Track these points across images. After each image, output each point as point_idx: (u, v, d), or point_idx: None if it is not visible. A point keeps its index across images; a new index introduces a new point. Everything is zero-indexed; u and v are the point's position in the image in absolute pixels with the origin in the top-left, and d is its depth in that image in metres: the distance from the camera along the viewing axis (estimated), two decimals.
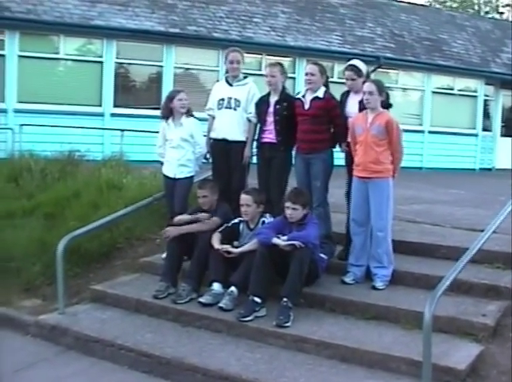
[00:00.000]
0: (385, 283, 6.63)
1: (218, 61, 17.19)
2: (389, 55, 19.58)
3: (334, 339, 5.70)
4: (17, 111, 15.19)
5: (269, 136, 7.44)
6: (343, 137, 7.13)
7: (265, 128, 7.48)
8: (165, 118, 7.67)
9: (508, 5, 43.78)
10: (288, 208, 6.49)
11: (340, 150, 7.29)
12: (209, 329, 6.25)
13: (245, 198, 6.87)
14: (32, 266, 7.99)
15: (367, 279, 6.75)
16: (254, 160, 7.72)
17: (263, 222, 6.84)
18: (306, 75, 7.27)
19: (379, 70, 18.98)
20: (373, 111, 6.62)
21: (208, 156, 7.83)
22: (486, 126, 21.98)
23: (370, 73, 7.33)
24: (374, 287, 6.58)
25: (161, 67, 16.99)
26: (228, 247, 6.69)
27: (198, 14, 17.74)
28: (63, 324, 6.60)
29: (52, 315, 6.86)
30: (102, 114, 16.18)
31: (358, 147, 6.71)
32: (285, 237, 6.31)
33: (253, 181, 7.68)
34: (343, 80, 7.28)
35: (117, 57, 16.45)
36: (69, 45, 16.04)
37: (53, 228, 8.51)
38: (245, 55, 7.93)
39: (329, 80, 7.44)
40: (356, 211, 6.80)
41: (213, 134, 7.76)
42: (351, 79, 7.11)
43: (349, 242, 6.99)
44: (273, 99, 7.48)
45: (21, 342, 6.62)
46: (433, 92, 20.75)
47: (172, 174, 7.63)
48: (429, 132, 20.46)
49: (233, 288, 6.45)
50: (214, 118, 7.79)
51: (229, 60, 7.71)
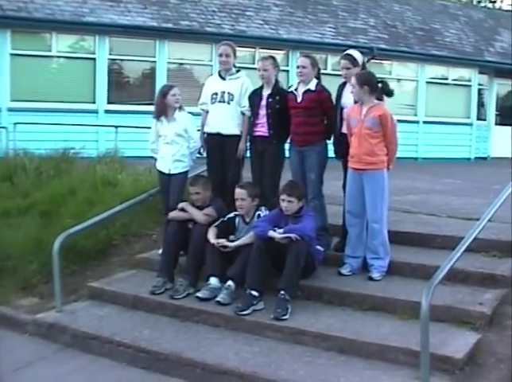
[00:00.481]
0: (381, 274, 6.63)
1: (211, 56, 17.15)
2: (382, 46, 19.57)
3: (332, 331, 5.70)
4: (10, 110, 15.15)
5: (262, 129, 7.43)
6: (336, 129, 7.12)
7: (257, 121, 7.47)
8: (158, 116, 7.62)
9: None
10: (283, 200, 6.49)
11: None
12: (207, 323, 6.25)
13: (239, 192, 6.86)
14: (28, 264, 7.96)
15: (364, 270, 6.74)
16: (249, 154, 7.71)
17: (258, 215, 6.83)
18: (298, 67, 7.27)
19: (373, 61, 18.91)
20: (367, 103, 6.61)
21: (202, 150, 7.81)
22: (481, 115, 22.00)
23: (366, 63, 7.33)
24: (371, 278, 6.58)
25: (154, 62, 16.97)
26: (224, 242, 6.69)
27: (190, 9, 17.72)
28: (60, 322, 6.59)
29: (50, 313, 6.85)
30: (96, 111, 16.16)
31: (353, 139, 6.69)
32: (281, 230, 6.30)
33: (247, 174, 7.66)
34: (337, 72, 7.29)
35: (110, 54, 16.41)
36: (61, 42, 16.01)
37: (49, 226, 8.48)
38: (238, 48, 7.92)
39: (322, 72, 7.43)
40: (351, 202, 6.79)
41: (207, 129, 7.74)
42: (346, 69, 7.09)
43: (345, 233, 6.98)
44: (265, 93, 7.46)
45: (19, 341, 6.61)
46: (427, 82, 20.76)
47: (166, 170, 7.60)
48: (424, 122, 20.48)
49: (230, 282, 6.45)
50: (207, 112, 7.77)
51: (218, 53, 7.71)
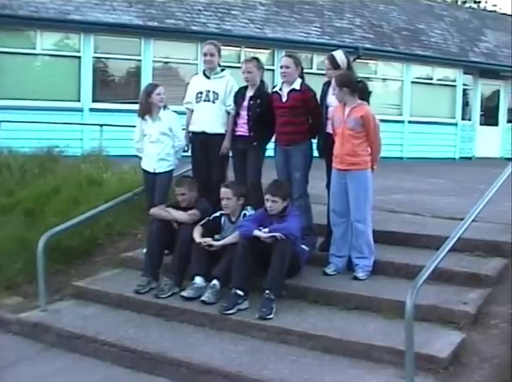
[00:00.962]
0: (366, 274, 6.64)
1: (196, 54, 17.10)
2: (368, 45, 19.58)
3: (317, 330, 5.71)
4: None
5: (242, 129, 7.45)
6: (320, 128, 7.14)
7: (238, 121, 7.48)
8: (143, 115, 7.60)
9: None
10: (267, 200, 6.49)
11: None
12: (192, 322, 6.24)
13: (224, 191, 6.86)
14: (12, 263, 7.93)
15: (349, 270, 6.75)
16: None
17: (244, 215, 6.84)
18: (281, 68, 7.27)
19: (358, 61, 18.93)
20: (349, 104, 6.62)
21: (187, 149, 7.80)
22: (466, 115, 22.08)
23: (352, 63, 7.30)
24: (356, 278, 6.59)
25: (140, 61, 16.90)
26: (209, 241, 6.68)
27: (176, 7, 17.67)
28: (45, 321, 6.58)
29: (34, 312, 6.83)
30: (81, 110, 16.08)
31: (336, 139, 6.71)
32: (266, 229, 6.30)
33: (232, 174, 7.65)
34: (323, 71, 7.28)
35: (95, 52, 16.32)
36: (46, 40, 15.92)
37: (33, 225, 8.45)
38: (223, 47, 7.93)
39: (307, 72, 7.44)
40: (335, 202, 6.80)
41: (192, 127, 7.72)
42: (327, 69, 7.13)
43: (330, 233, 6.99)
44: (248, 94, 7.46)
45: (2, 340, 6.60)
46: (412, 82, 20.80)
47: (151, 169, 7.58)
48: (409, 122, 20.51)
49: (215, 281, 6.44)
50: (192, 111, 7.76)
51: (203, 53, 7.71)
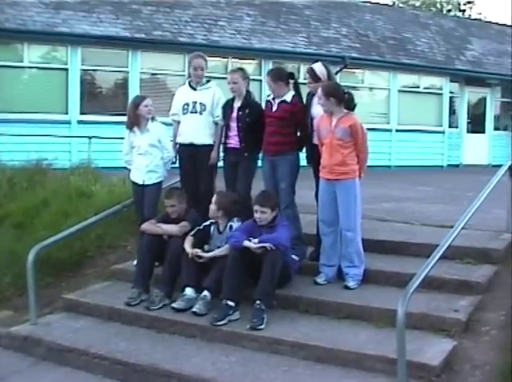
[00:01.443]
0: (357, 282, 6.66)
1: (184, 65, 17.07)
2: (354, 55, 19.67)
3: (308, 340, 5.71)
4: None
5: (233, 142, 7.46)
6: (305, 141, 7.18)
7: (229, 133, 7.50)
8: (131, 127, 7.60)
9: (469, 2, 44.38)
10: (256, 211, 6.50)
11: None
12: (183, 334, 6.23)
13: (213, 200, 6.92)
14: (2, 277, 7.91)
15: (339, 279, 6.76)
16: (221, 163, 7.73)
17: (231, 226, 6.83)
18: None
19: (345, 70, 19.10)
20: (336, 114, 6.64)
21: (175, 160, 7.81)
22: (453, 123, 22.17)
23: (335, 74, 7.32)
24: (347, 287, 6.61)
25: (127, 72, 16.91)
26: (199, 252, 6.67)
27: (163, 19, 17.70)
28: (35, 334, 6.54)
29: (24, 326, 6.79)
30: (68, 122, 16.05)
31: (324, 149, 6.72)
32: (256, 240, 6.30)
33: (221, 184, 7.66)
34: None
35: (82, 64, 16.31)
36: (33, 53, 15.92)
37: (23, 238, 8.43)
38: (211, 58, 7.93)
39: (298, 82, 7.42)
40: (324, 211, 6.81)
41: (180, 139, 7.72)
42: (309, 83, 7.17)
43: (319, 243, 6.99)
44: (236, 105, 7.48)
45: None
46: (399, 91, 20.89)
47: (140, 181, 7.59)
48: (397, 130, 20.58)
49: (206, 292, 6.43)
50: (179, 122, 7.75)
51: (193, 67, 7.66)
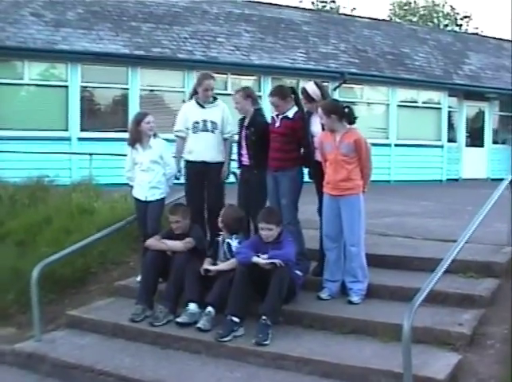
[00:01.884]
0: (360, 297, 6.67)
1: (183, 82, 17.29)
2: (353, 70, 19.75)
3: (313, 355, 5.71)
4: None
5: (245, 159, 7.56)
6: (310, 158, 7.18)
7: (241, 151, 7.60)
8: (133, 144, 7.64)
9: (466, 16, 44.65)
10: (262, 229, 6.53)
11: None
12: (188, 350, 6.23)
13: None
14: (5, 294, 7.90)
15: (343, 294, 6.77)
16: (231, 179, 7.88)
17: (228, 244, 6.87)
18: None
19: (344, 85, 19.18)
20: (339, 130, 6.68)
21: (179, 175, 7.84)
22: (452, 137, 22.23)
23: (334, 90, 7.35)
24: (351, 302, 6.61)
25: (127, 89, 16.95)
26: (206, 266, 6.73)
27: (162, 36, 17.79)
28: (40, 351, 6.54)
29: (29, 343, 6.80)
30: (69, 139, 16.06)
31: (328, 165, 6.74)
32: (265, 256, 6.33)
33: (230, 200, 7.69)
34: None
35: (82, 81, 16.35)
36: (34, 70, 15.97)
37: (25, 255, 8.42)
38: None
39: (298, 96, 7.45)
40: (328, 227, 6.83)
41: (190, 157, 7.72)
42: (304, 103, 7.25)
43: (323, 258, 7.02)
44: (245, 124, 7.58)
45: None
46: (398, 106, 20.96)
47: (143, 197, 7.61)
48: (396, 145, 20.62)
49: (210, 308, 6.44)
50: (183, 139, 7.79)
51: (204, 88, 7.68)
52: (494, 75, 23.08)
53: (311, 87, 7.20)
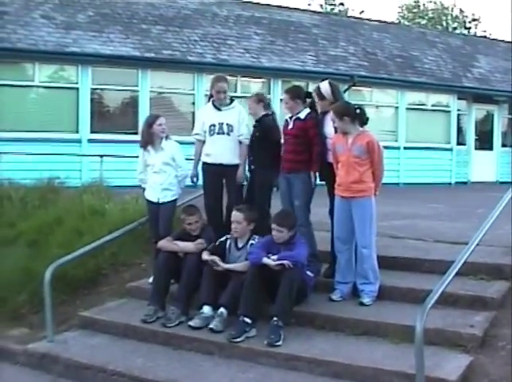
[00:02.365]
0: (372, 299, 6.68)
1: (193, 84, 17.34)
2: (362, 73, 19.77)
3: (325, 356, 5.73)
4: None
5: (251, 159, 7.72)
6: (318, 160, 7.13)
7: (249, 153, 7.74)
8: (145, 146, 7.67)
9: (475, 19, 44.57)
10: (274, 229, 6.56)
11: None
12: (200, 351, 6.26)
13: (236, 215, 6.94)
14: (17, 295, 7.97)
15: (354, 296, 6.80)
16: None
17: (251, 244, 6.87)
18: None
19: (353, 88, 19.19)
20: (352, 132, 6.70)
21: (195, 179, 7.87)
22: (461, 140, 22.20)
23: (344, 92, 7.38)
24: (362, 303, 6.63)
25: (137, 91, 17.00)
26: (216, 259, 6.75)
27: (172, 38, 17.83)
28: (52, 352, 6.59)
29: (41, 343, 6.85)
30: (79, 141, 16.12)
31: (340, 167, 6.76)
32: (275, 257, 6.35)
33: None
34: None
35: (92, 83, 16.41)
36: (44, 73, 16.04)
37: (37, 256, 8.48)
38: None
39: (314, 101, 7.46)
40: (340, 229, 6.85)
41: (208, 159, 7.75)
42: (317, 102, 7.27)
43: (334, 259, 7.03)
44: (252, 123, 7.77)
45: (9, 372, 6.61)
46: (407, 108, 20.93)
47: (155, 199, 7.65)
48: (405, 148, 20.59)
49: (222, 309, 6.46)
50: (202, 142, 7.82)
51: (216, 91, 7.70)
52: (503, 78, 23.00)
53: (324, 85, 7.24)
